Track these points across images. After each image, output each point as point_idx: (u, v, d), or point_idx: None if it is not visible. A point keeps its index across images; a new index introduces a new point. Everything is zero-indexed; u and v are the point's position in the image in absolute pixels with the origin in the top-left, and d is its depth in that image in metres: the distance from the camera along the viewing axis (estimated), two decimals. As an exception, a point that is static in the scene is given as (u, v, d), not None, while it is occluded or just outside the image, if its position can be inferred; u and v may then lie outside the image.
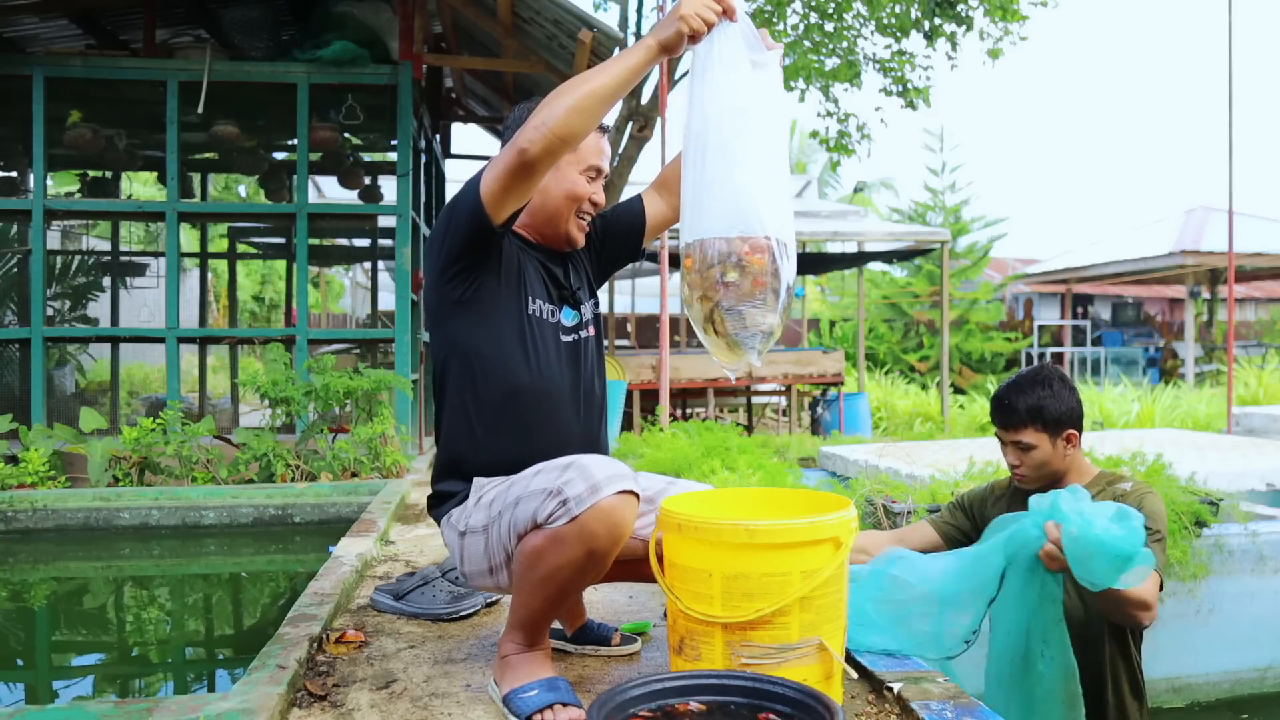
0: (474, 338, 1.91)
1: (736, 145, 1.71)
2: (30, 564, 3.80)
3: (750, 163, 1.71)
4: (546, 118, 1.70)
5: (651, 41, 1.74)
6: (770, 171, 1.73)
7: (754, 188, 1.70)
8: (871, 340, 18.18)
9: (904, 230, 12.26)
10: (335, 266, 15.94)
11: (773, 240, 1.70)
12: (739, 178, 1.70)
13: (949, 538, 2.55)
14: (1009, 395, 2.35)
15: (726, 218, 1.70)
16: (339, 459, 4.55)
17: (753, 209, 1.70)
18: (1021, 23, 8.26)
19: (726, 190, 1.70)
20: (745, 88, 1.73)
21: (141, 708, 1.62)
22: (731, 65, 1.73)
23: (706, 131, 1.73)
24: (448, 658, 2.13)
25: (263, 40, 5.99)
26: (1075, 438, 2.34)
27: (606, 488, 1.65)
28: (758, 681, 1.54)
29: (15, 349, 6.22)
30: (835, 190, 24.45)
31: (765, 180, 1.72)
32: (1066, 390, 2.34)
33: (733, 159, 1.71)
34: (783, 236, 1.72)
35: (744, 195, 1.70)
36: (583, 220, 2.02)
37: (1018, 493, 2.44)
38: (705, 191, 1.72)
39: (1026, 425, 2.31)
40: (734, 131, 1.71)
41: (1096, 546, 1.83)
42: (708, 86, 1.74)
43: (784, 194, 1.75)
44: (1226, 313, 10.69)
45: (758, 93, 1.74)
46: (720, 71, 1.73)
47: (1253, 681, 3.69)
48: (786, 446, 6.99)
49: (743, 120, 1.72)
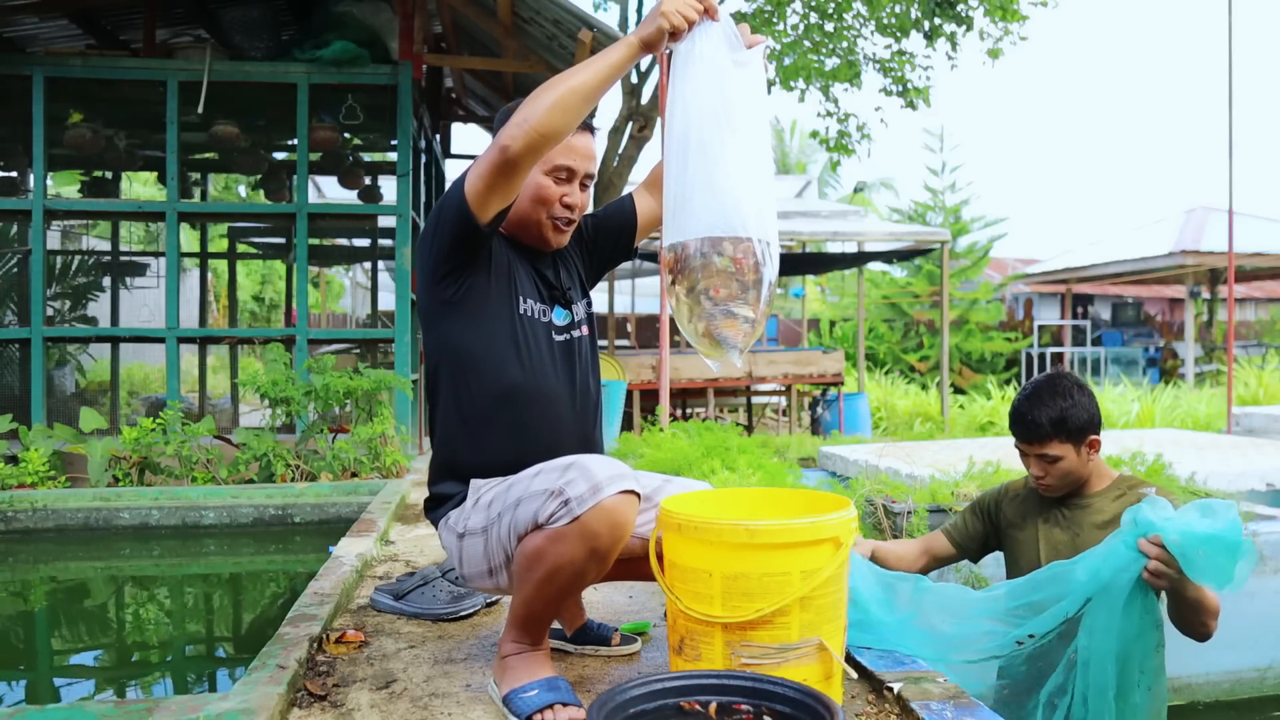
0: (465, 338, 1.91)
1: (718, 145, 1.71)
2: (30, 564, 3.80)
3: (732, 163, 1.70)
4: (528, 115, 1.69)
5: (633, 39, 1.74)
6: (752, 171, 1.72)
7: (736, 188, 1.70)
8: (871, 340, 18.19)
9: (904, 230, 12.25)
10: (335, 266, 15.93)
11: (754, 240, 1.69)
12: (721, 178, 1.70)
13: (964, 547, 2.54)
14: (1030, 409, 2.28)
15: (709, 218, 1.70)
16: (339, 459, 4.55)
17: (735, 209, 1.69)
18: (1021, 23, 8.26)
19: (709, 191, 1.70)
20: (727, 87, 1.72)
21: (141, 708, 1.62)
22: (713, 64, 1.73)
23: (688, 131, 1.73)
24: (448, 658, 2.13)
25: (263, 40, 5.98)
26: (1097, 443, 2.32)
27: (608, 487, 1.65)
28: (758, 681, 1.54)
29: (15, 349, 6.21)
30: (835, 190, 24.46)
31: (747, 180, 1.71)
32: (1085, 397, 2.30)
33: (714, 159, 1.70)
34: (765, 236, 1.71)
35: (726, 196, 1.69)
36: (558, 222, 1.98)
37: (1035, 492, 2.43)
38: (687, 191, 1.72)
39: (1051, 438, 2.26)
40: (715, 131, 1.71)
41: (1208, 544, 1.76)
42: (689, 86, 1.74)
43: (766, 193, 1.74)
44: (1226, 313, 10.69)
45: (739, 92, 1.73)
46: (701, 70, 1.73)
47: (1253, 681, 3.69)
48: (786, 446, 6.99)
49: (724, 120, 1.71)
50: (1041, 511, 2.40)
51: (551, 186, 1.95)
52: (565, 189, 1.96)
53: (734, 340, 1.73)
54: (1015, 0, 8.11)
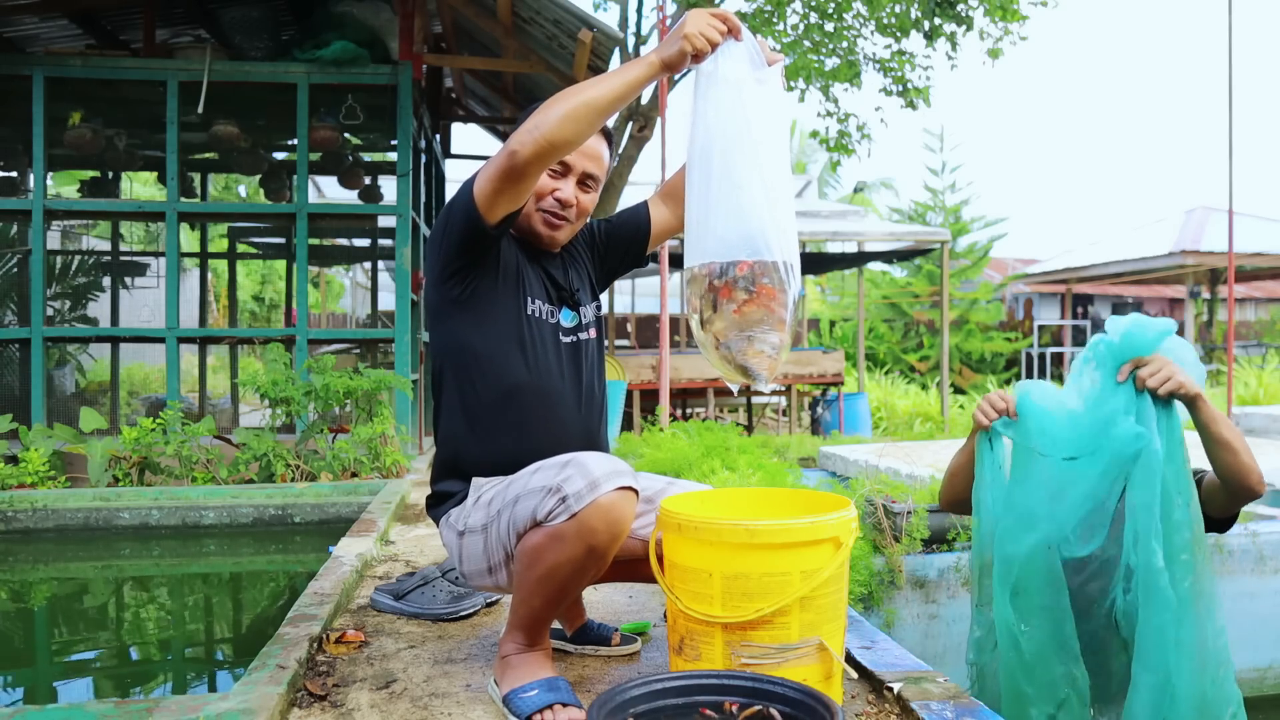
0: (472, 337, 1.91)
1: (741, 167, 1.70)
2: (30, 564, 3.80)
3: (755, 185, 1.69)
4: (540, 122, 1.69)
5: (654, 58, 1.73)
6: (775, 192, 1.71)
7: (760, 210, 1.68)
8: (871, 340, 18.19)
9: (904, 230, 12.25)
10: (335, 266, 15.93)
11: (779, 263, 1.68)
12: (745, 201, 1.69)
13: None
14: None
15: (732, 241, 1.68)
16: (339, 459, 4.55)
17: (760, 232, 1.68)
18: (1021, 23, 8.25)
19: (732, 214, 1.69)
20: (749, 109, 1.71)
21: (141, 708, 1.62)
22: (736, 85, 1.72)
23: (711, 153, 1.72)
24: (448, 658, 2.13)
25: (263, 40, 5.98)
26: None
27: (605, 484, 1.65)
28: (758, 681, 1.54)
29: (15, 349, 6.22)
30: (835, 190, 24.44)
31: (770, 202, 1.70)
32: None
33: (738, 182, 1.69)
34: (789, 258, 1.70)
35: (750, 219, 1.68)
36: (549, 217, 1.97)
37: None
38: (711, 214, 1.71)
39: None
40: (739, 153, 1.70)
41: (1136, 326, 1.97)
42: (711, 106, 1.73)
43: (788, 213, 1.73)
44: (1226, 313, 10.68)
45: (761, 112, 1.73)
46: (724, 91, 1.72)
47: (1253, 682, 3.69)
48: (786, 446, 6.98)
49: (748, 141, 1.70)
50: None
51: (545, 178, 1.94)
52: (558, 183, 1.95)
53: (760, 369, 1.72)
54: (1015, 0, 8.11)
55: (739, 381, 1.77)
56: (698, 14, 1.73)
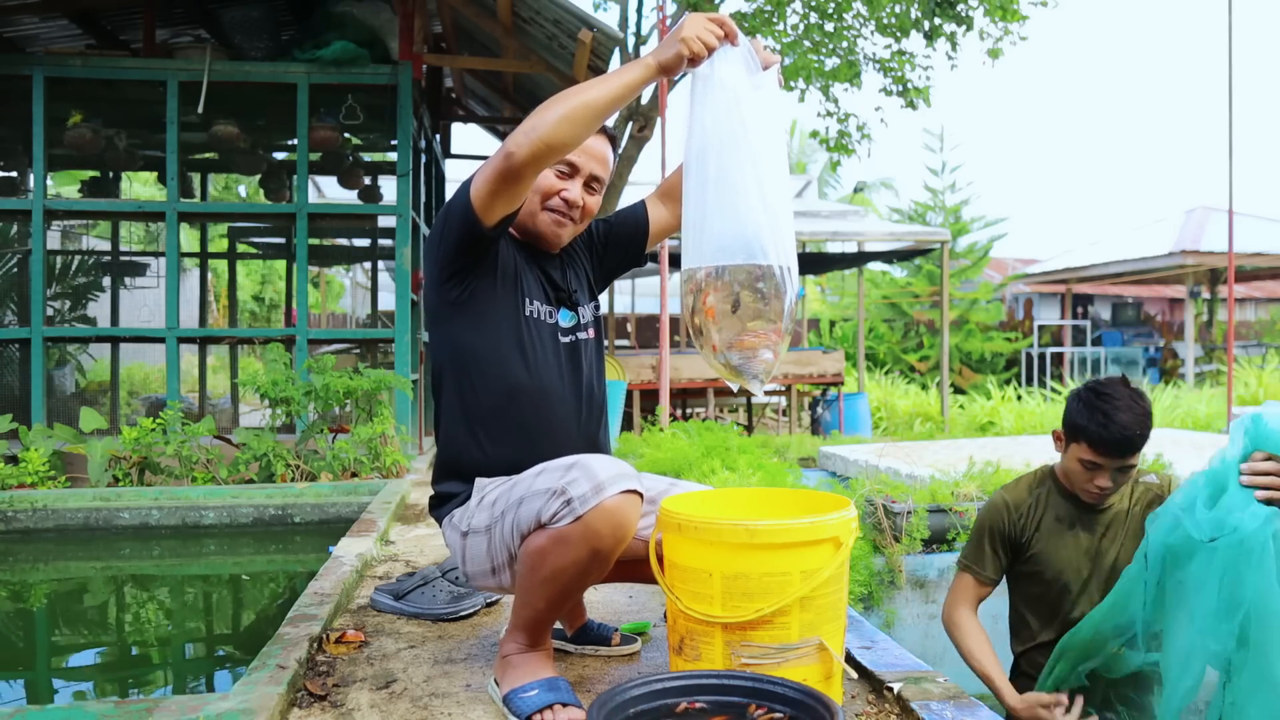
0: (471, 339, 1.91)
1: (737, 171, 1.70)
2: (30, 564, 3.80)
3: (751, 189, 1.69)
4: (537, 124, 1.69)
5: (651, 61, 1.74)
6: (771, 196, 1.71)
7: (757, 214, 1.68)
8: (871, 340, 18.19)
9: (904, 230, 12.26)
10: (335, 266, 15.93)
11: (775, 267, 1.68)
12: (741, 205, 1.68)
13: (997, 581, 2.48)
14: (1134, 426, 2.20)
15: (729, 245, 1.68)
16: (339, 459, 4.55)
17: (756, 236, 1.68)
18: (1021, 23, 8.25)
19: (729, 218, 1.69)
20: (745, 112, 1.72)
21: (141, 708, 1.62)
22: (732, 90, 1.72)
23: (707, 157, 1.72)
24: (448, 658, 2.13)
25: (263, 40, 5.98)
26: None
27: (611, 487, 1.65)
28: (758, 681, 1.54)
29: (15, 349, 6.21)
30: (835, 190, 24.45)
31: (767, 206, 1.70)
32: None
33: (734, 186, 1.69)
34: (785, 262, 1.70)
35: (747, 223, 1.68)
36: (557, 217, 1.97)
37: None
38: (707, 218, 1.71)
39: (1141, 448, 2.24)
40: (735, 157, 1.70)
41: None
42: (707, 110, 1.73)
43: (786, 217, 1.73)
44: (1226, 313, 10.69)
45: (757, 116, 1.73)
46: (720, 96, 1.72)
47: (1253, 681, 3.68)
48: (786, 446, 6.99)
49: (744, 145, 1.70)
50: (1059, 518, 2.39)
51: (552, 179, 1.95)
52: (565, 184, 1.96)
53: (755, 373, 1.72)
54: (1015, 0, 8.11)
55: (734, 381, 1.78)
56: (695, 18, 1.74)
